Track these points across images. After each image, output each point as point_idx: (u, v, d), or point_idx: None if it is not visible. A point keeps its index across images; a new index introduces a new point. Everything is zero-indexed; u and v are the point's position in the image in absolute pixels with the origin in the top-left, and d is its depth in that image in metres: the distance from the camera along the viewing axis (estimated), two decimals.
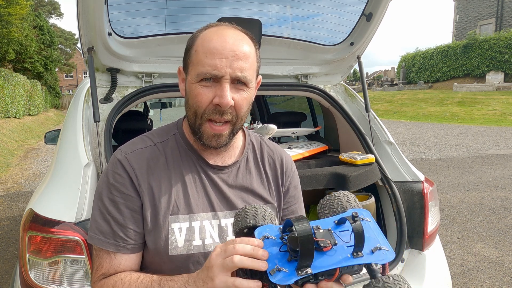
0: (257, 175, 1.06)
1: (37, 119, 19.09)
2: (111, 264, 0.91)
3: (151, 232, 0.93)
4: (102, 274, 0.91)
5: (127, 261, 0.92)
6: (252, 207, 0.79)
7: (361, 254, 0.71)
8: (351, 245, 0.71)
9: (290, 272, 0.67)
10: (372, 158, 1.99)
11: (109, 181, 0.93)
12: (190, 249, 0.94)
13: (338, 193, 0.84)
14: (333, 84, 2.33)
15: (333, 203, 0.82)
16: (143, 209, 0.93)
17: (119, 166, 0.94)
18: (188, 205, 0.96)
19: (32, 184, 6.58)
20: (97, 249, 0.93)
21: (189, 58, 0.92)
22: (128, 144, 1.00)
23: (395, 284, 0.66)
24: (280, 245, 0.71)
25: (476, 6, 26.26)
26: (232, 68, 0.86)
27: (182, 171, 0.98)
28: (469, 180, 6.22)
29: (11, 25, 14.96)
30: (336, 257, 0.70)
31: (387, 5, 1.87)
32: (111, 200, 0.92)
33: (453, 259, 3.38)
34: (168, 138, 1.02)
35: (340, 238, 0.72)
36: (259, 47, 1.00)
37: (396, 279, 0.67)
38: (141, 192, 0.93)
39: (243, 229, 0.77)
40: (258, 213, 0.78)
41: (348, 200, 0.82)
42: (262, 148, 1.11)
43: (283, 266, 0.68)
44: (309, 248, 0.65)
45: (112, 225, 0.91)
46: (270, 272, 0.67)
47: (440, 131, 13.30)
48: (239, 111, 0.92)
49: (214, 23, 0.94)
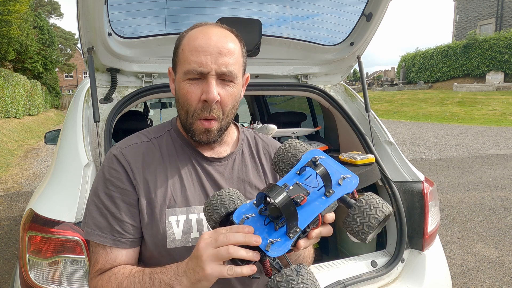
0: (253, 167, 1.08)
1: (37, 119, 19.09)
2: (106, 259, 0.91)
3: (148, 226, 0.93)
4: (98, 269, 0.91)
5: (123, 255, 0.93)
6: (216, 197, 0.78)
7: (332, 191, 0.74)
8: (321, 187, 0.75)
9: (283, 240, 0.69)
10: (372, 158, 1.99)
11: (105, 176, 0.94)
12: (188, 242, 0.94)
13: (283, 145, 0.87)
14: (333, 84, 2.33)
15: (285, 156, 0.84)
16: (139, 203, 0.93)
17: (115, 161, 0.95)
18: (185, 197, 0.96)
19: (32, 184, 6.58)
20: (93, 245, 0.93)
21: (177, 57, 0.95)
22: (123, 140, 1.01)
23: (374, 202, 0.72)
24: (262, 219, 0.72)
25: (476, 6, 26.26)
26: (217, 64, 0.88)
27: (178, 164, 0.99)
28: (469, 180, 6.22)
29: (10, 24, 14.93)
30: (314, 204, 0.73)
31: (387, 5, 1.87)
32: (108, 195, 0.92)
33: (453, 259, 3.38)
34: (163, 134, 1.04)
35: (308, 185, 0.75)
36: (259, 47, 1.01)
37: (369, 199, 0.73)
38: (137, 186, 0.93)
39: (218, 221, 0.77)
40: (225, 199, 0.77)
41: (295, 147, 0.85)
42: (257, 142, 1.13)
43: (274, 237, 0.69)
44: (291, 210, 0.67)
45: (109, 220, 0.91)
46: (266, 249, 0.68)
47: (440, 131, 13.30)
48: (225, 107, 0.93)
49: (200, 23, 0.97)
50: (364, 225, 0.71)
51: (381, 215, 0.71)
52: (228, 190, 0.80)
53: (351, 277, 1.69)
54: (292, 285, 0.63)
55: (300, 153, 0.84)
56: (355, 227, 0.72)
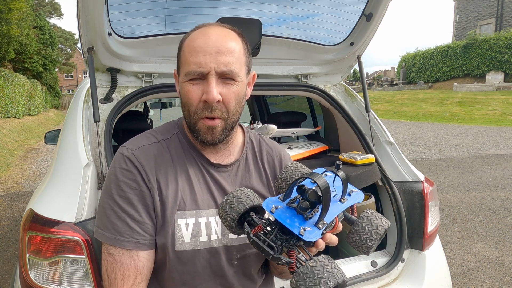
0: (256, 173, 1.07)
1: (37, 119, 19.09)
2: (137, 269, 0.89)
3: (161, 228, 0.93)
4: (132, 285, 0.88)
5: (148, 261, 0.92)
6: (232, 196, 0.80)
7: (346, 199, 0.80)
8: (335, 194, 0.80)
9: (313, 229, 0.72)
10: (372, 158, 1.99)
11: (119, 178, 0.92)
12: (197, 245, 0.94)
13: (291, 164, 0.93)
14: (333, 84, 2.33)
15: (292, 172, 0.89)
16: (154, 205, 0.93)
17: (128, 162, 0.93)
18: (194, 201, 0.96)
19: (32, 184, 6.58)
20: (116, 254, 0.89)
21: (179, 59, 0.96)
22: (132, 141, 1.00)
23: (374, 218, 0.80)
24: (291, 211, 0.74)
25: (476, 6, 26.25)
26: (217, 63, 0.88)
27: (187, 168, 0.99)
28: (469, 180, 6.22)
29: (10, 24, 14.91)
30: (333, 206, 0.76)
31: (387, 5, 1.87)
32: (123, 198, 0.91)
33: (453, 259, 3.38)
34: (171, 136, 1.03)
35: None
36: (259, 47, 1.01)
37: (369, 216, 0.80)
38: (151, 188, 0.93)
39: (236, 219, 0.77)
40: (241, 197, 0.79)
41: (302, 166, 0.91)
42: (261, 146, 1.12)
43: (306, 226, 0.72)
44: (329, 196, 0.70)
45: (128, 222, 0.90)
46: (300, 233, 0.70)
47: (440, 131, 13.30)
48: (228, 105, 0.93)
49: (202, 24, 0.97)
50: (367, 240, 0.77)
51: (382, 230, 0.78)
52: (242, 189, 0.81)
53: (351, 277, 1.69)
54: (318, 275, 0.64)
55: (307, 170, 0.90)
56: (359, 242, 0.78)
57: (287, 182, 0.87)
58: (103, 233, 0.91)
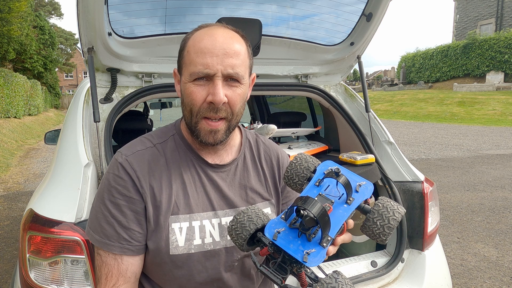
0: (254, 172, 1.07)
1: (37, 119, 19.09)
2: (119, 271, 0.91)
3: (153, 233, 0.93)
4: (113, 285, 0.90)
5: (133, 265, 0.93)
6: (242, 215, 0.80)
7: (352, 199, 0.78)
8: (341, 196, 0.78)
9: (318, 249, 0.71)
10: (372, 158, 1.99)
11: (111, 184, 0.93)
12: (191, 249, 0.94)
13: (295, 159, 0.89)
14: (333, 84, 2.33)
15: (297, 169, 0.87)
16: (146, 210, 0.93)
17: (121, 168, 0.94)
18: (188, 205, 0.96)
19: (32, 184, 6.58)
20: (103, 255, 0.92)
21: (182, 59, 0.94)
22: (127, 146, 1.00)
23: (390, 204, 0.77)
24: (294, 232, 0.73)
25: (476, 6, 26.24)
26: (223, 65, 0.88)
27: (181, 171, 0.98)
28: (469, 180, 6.22)
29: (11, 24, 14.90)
30: (338, 213, 0.76)
31: (387, 5, 1.87)
32: (113, 203, 0.92)
33: (453, 259, 3.38)
34: (167, 139, 1.02)
35: (330, 195, 0.78)
36: (259, 47, 1.01)
37: (384, 203, 0.77)
38: (144, 194, 0.93)
39: (247, 238, 0.78)
40: (252, 216, 0.79)
41: (306, 160, 0.87)
42: (259, 145, 1.12)
43: (309, 248, 0.71)
44: (326, 220, 0.70)
45: (116, 228, 0.91)
46: (304, 260, 0.69)
47: (440, 131, 13.30)
48: (234, 107, 0.93)
49: (205, 24, 0.96)
50: (385, 227, 0.75)
51: (399, 216, 0.76)
52: (253, 208, 0.81)
53: (351, 277, 1.69)
54: None
55: (312, 165, 0.86)
56: (376, 230, 0.76)
57: (294, 181, 0.86)
58: (93, 235, 0.93)
